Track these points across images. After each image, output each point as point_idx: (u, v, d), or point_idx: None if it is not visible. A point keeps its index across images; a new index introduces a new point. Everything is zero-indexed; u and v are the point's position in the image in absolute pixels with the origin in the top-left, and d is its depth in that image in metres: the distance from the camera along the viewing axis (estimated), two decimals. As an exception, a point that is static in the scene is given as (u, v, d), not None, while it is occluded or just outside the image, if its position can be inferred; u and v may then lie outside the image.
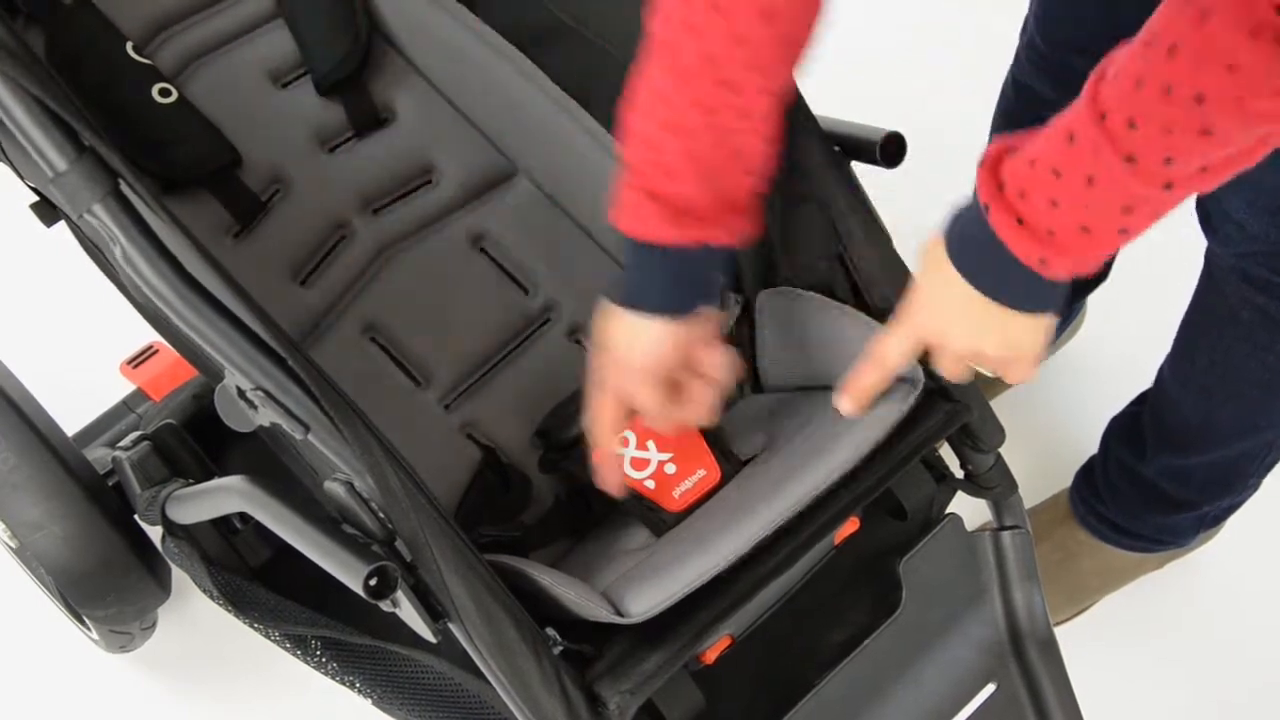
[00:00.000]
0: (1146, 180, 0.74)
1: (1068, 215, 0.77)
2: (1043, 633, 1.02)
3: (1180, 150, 0.72)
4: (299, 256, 1.18)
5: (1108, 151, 0.74)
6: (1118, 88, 0.73)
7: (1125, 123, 0.73)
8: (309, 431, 0.85)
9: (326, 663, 1.09)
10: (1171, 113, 0.71)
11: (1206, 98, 0.69)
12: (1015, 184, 0.79)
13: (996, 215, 0.80)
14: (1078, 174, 0.75)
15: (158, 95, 1.18)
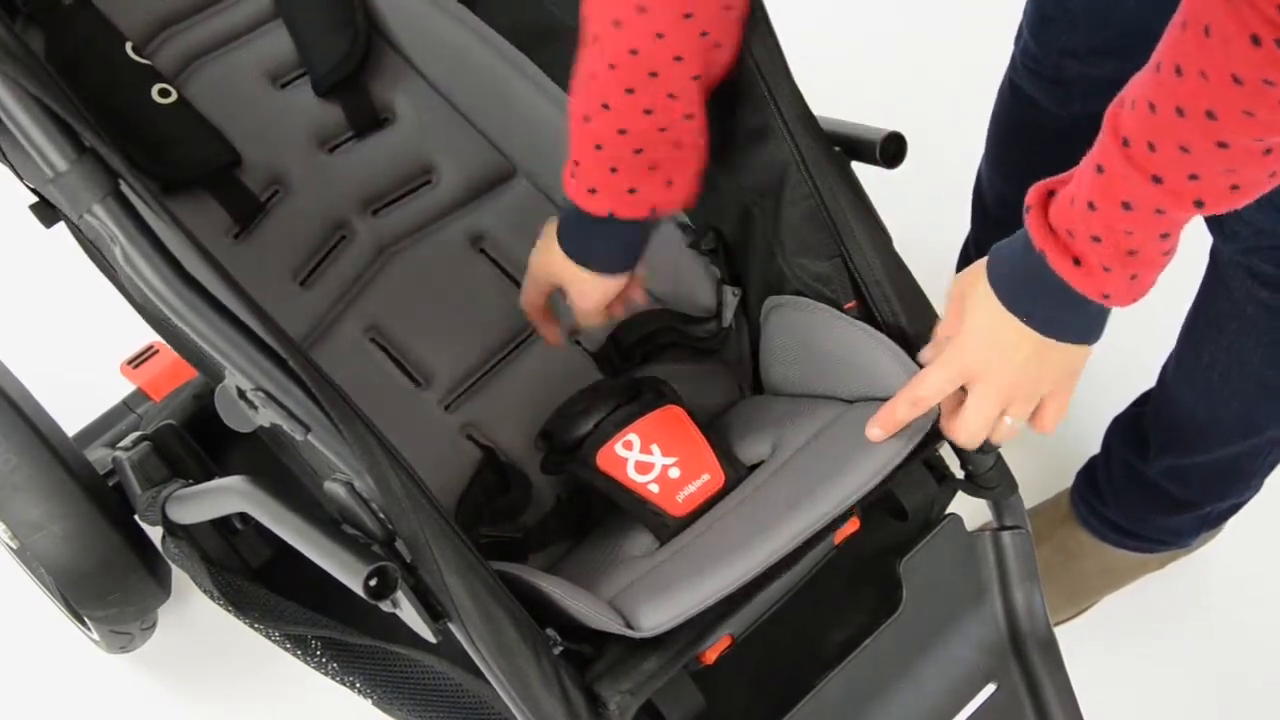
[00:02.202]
0: (1176, 200, 0.76)
1: (1111, 245, 0.80)
2: (1043, 633, 1.02)
3: (1203, 167, 0.74)
4: (299, 257, 1.18)
5: (1135, 176, 0.76)
6: (1135, 114, 0.76)
7: (1146, 146, 0.75)
8: (309, 432, 0.85)
9: (327, 663, 1.09)
10: (1186, 131, 0.73)
11: (1218, 113, 0.71)
12: (1063, 224, 0.82)
13: (1056, 259, 0.83)
14: (1113, 201, 0.78)
15: (157, 96, 1.18)
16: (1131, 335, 1.52)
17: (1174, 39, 0.73)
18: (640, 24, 0.91)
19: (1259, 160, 0.74)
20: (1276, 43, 0.67)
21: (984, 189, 1.48)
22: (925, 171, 1.31)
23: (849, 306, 0.99)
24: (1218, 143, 0.73)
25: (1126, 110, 0.77)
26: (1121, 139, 0.77)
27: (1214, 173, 0.75)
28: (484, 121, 1.26)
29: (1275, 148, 0.74)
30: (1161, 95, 0.74)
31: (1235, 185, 0.76)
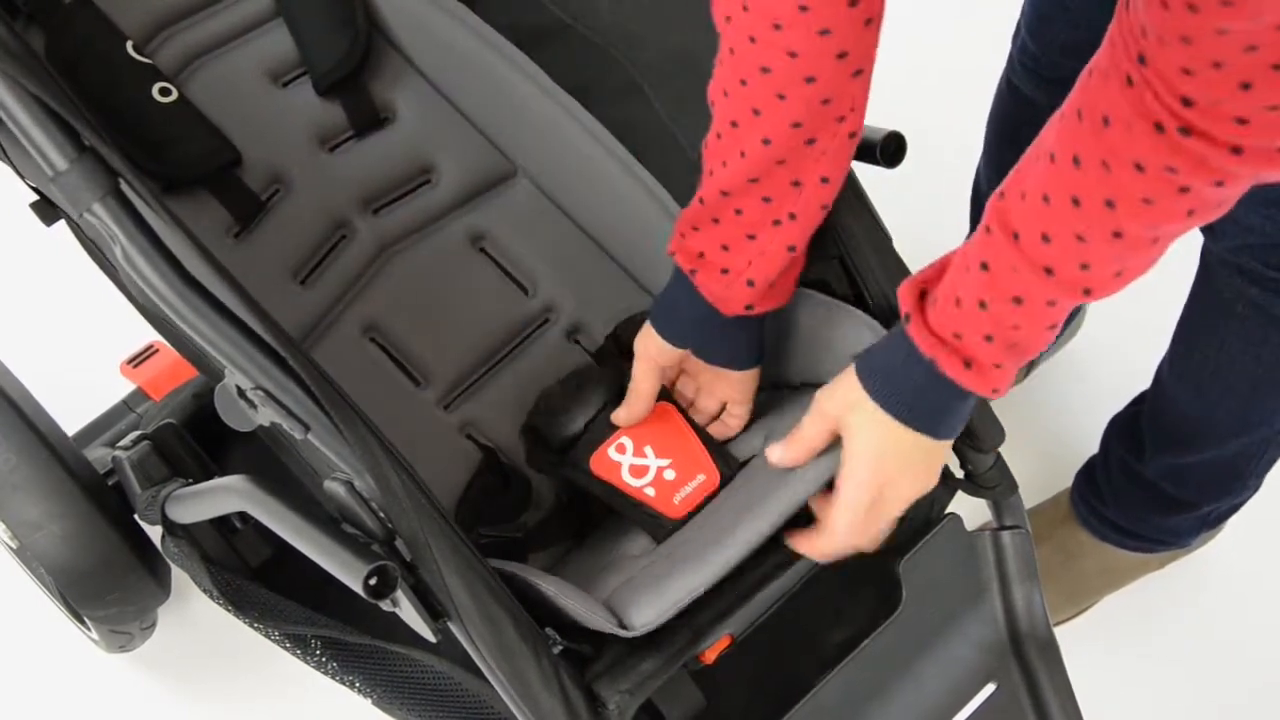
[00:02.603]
0: (1067, 290, 0.78)
1: (1001, 341, 0.82)
2: (1043, 632, 1.02)
3: (1095, 256, 0.76)
4: (299, 256, 1.18)
5: (1026, 268, 0.78)
6: (1027, 206, 0.77)
7: (1039, 238, 0.77)
8: (309, 431, 0.85)
9: (326, 662, 1.09)
10: (1083, 221, 0.74)
11: (1116, 202, 0.73)
12: (949, 328, 0.83)
13: (947, 364, 0.84)
14: (1004, 297, 0.80)
15: (158, 94, 1.18)
16: (1130, 335, 1.53)
17: (1069, 129, 0.74)
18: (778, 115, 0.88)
19: (1147, 248, 0.76)
20: (1179, 130, 0.68)
21: (982, 189, 1.48)
22: (925, 171, 1.31)
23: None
24: (1114, 232, 0.74)
25: (1014, 203, 0.78)
26: (1012, 233, 0.78)
27: (1105, 260, 0.76)
28: (484, 121, 1.26)
29: (1163, 236, 0.76)
30: (1056, 186, 0.75)
31: (1120, 272, 0.78)
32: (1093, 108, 0.72)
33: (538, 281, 1.22)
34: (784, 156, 0.89)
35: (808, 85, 0.84)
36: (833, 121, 0.88)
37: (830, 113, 0.87)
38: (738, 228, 0.94)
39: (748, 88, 0.86)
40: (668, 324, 1.00)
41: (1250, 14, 0.62)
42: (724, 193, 0.92)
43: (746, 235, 0.94)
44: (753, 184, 0.91)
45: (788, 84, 0.84)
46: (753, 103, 0.86)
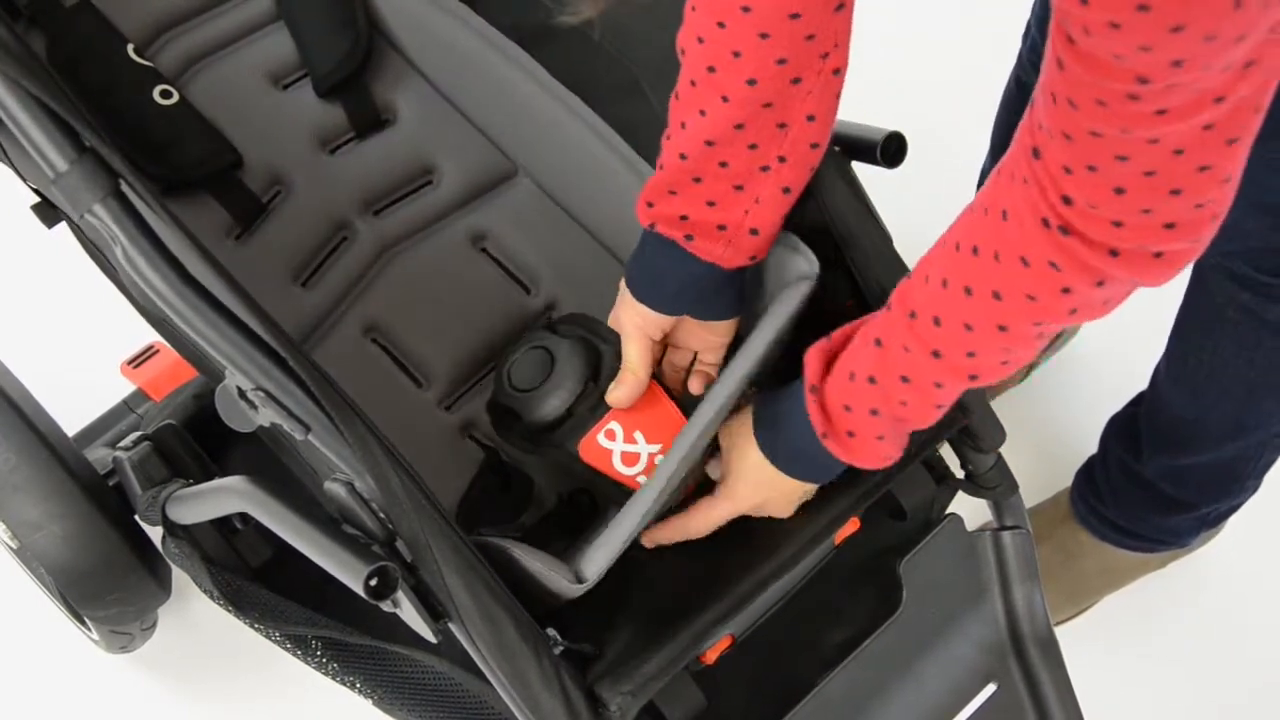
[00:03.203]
0: (953, 374, 0.81)
1: (888, 415, 0.85)
2: (1043, 633, 1.02)
3: (980, 345, 0.78)
4: (300, 257, 1.18)
5: (917, 348, 0.81)
6: (928, 289, 0.80)
7: (931, 320, 0.79)
8: (309, 432, 0.85)
9: (327, 663, 1.09)
10: (973, 310, 0.77)
11: (1003, 295, 0.75)
12: (840, 399, 0.87)
13: (835, 444, 0.89)
14: (894, 375, 0.83)
15: (159, 97, 1.18)
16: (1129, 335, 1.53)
17: (974, 220, 0.77)
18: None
19: (1032, 341, 0.79)
20: (1060, 229, 0.70)
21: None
22: (926, 171, 1.31)
23: (847, 305, 0.99)
24: (999, 325, 0.77)
25: (918, 285, 0.81)
26: (909, 311, 0.81)
27: (991, 350, 0.79)
28: (485, 121, 1.26)
29: (1047, 332, 0.78)
30: (955, 273, 0.77)
31: (1006, 361, 0.80)
32: (996, 202, 0.74)
33: (539, 280, 1.22)
34: (770, 98, 0.87)
35: (791, 21, 0.83)
36: (817, 59, 0.87)
37: (814, 49, 0.85)
38: (723, 181, 0.92)
39: (726, 30, 0.84)
40: (657, 293, 0.98)
41: (1119, 124, 0.64)
42: (708, 142, 0.90)
43: (734, 186, 0.92)
44: (738, 130, 0.89)
45: (770, 22, 0.83)
46: (732, 45, 0.84)
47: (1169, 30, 0.57)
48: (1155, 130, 0.64)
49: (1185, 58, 0.59)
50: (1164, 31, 0.57)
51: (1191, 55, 0.59)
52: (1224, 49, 0.59)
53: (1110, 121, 0.64)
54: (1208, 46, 0.58)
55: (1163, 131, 0.64)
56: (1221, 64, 0.60)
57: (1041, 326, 0.77)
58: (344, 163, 1.24)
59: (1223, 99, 0.62)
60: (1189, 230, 0.69)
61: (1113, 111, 0.63)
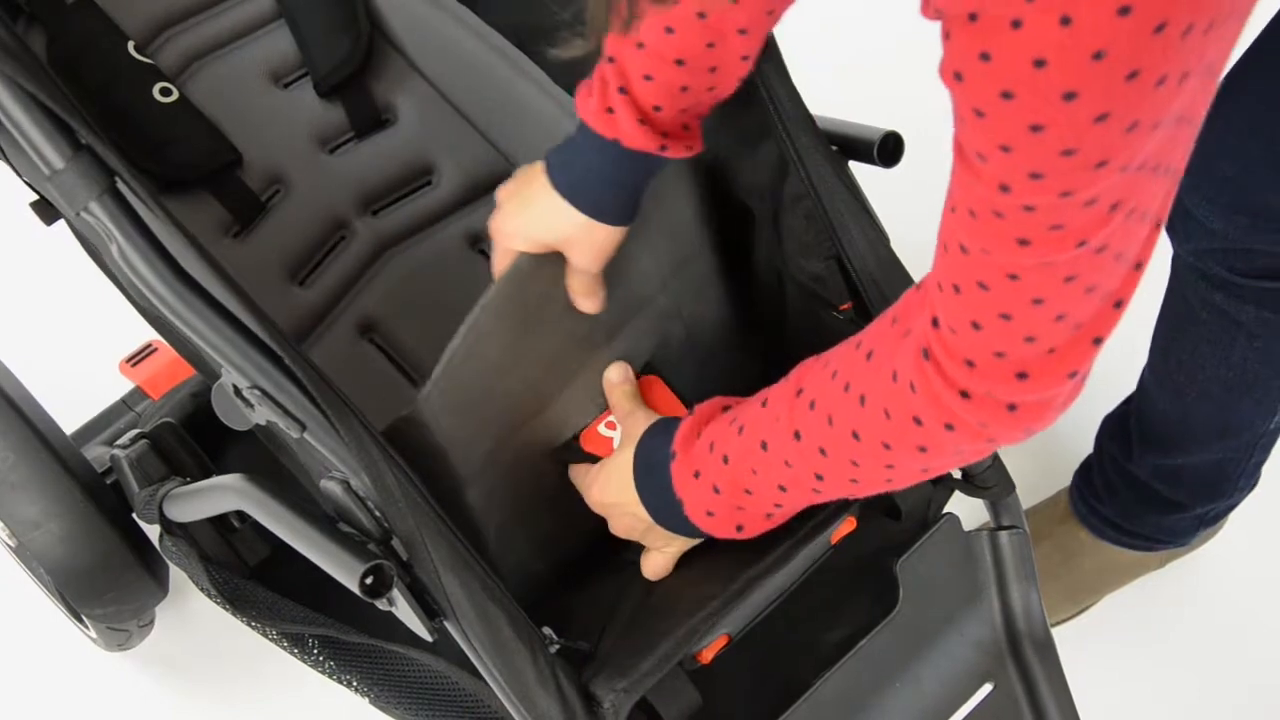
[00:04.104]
0: (802, 461, 0.79)
1: (735, 474, 0.84)
2: (1040, 633, 1.02)
3: (832, 445, 0.77)
4: (298, 256, 1.18)
5: (785, 421, 0.79)
6: (820, 371, 0.79)
7: (808, 402, 0.78)
8: (305, 430, 0.85)
9: (324, 661, 1.09)
10: (841, 404, 0.75)
11: (867, 400, 0.73)
12: (708, 437, 0.86)
13: (676, 467, 0.88)
14: (757, 438, 0.82)
15: (159, 95, 1.19)
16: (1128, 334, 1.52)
17: (879, 330, 0.76)
18: None
19: (880, 471, 0.77)
20: (923, 353, 0.69)
21: None
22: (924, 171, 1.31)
23: (845, 307, 0.99)
24: (854, 432, 0.75)
25: (818, 366, 0.80)
26: (798, 388, 0.80)
27: (840, 459, 0.77)
28: (485, 122, 1.26)
29: (896, 473, 0.77)
30: (846, 368, 0.76)
31: (854, 480, 0.79)
32: (896, 309, 0.74)
33: (537, 281, 1.21)
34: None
35: None
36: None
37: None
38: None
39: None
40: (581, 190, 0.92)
41: (982, 241, 0.62)
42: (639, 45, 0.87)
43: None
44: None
45: None
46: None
47: (1028, 129, 0.54)
48: (1014, 262, 0.61)
49: (1043, 171, 0.56)
50: (1023, 130, 0.54)
51: (1049, 170, 0.55)
52: (1083, 172, 0.55)
53: (977, 236, 0.62)
54: (1066, 162, 0.55)
55: (1021, 266, 0.61)
56: (1085, 195, 0.57)
57: (891, 454, 0.74)
58: (343, 162, 1.24)
59: (1085, 243, 0.59)
60: (1042, 383, 0.66)
61: (981, 226, 0.61)
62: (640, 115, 0.89)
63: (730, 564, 0.92)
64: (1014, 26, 0.52)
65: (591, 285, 0.95)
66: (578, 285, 0.95)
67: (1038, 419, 0.69)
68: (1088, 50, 0.50)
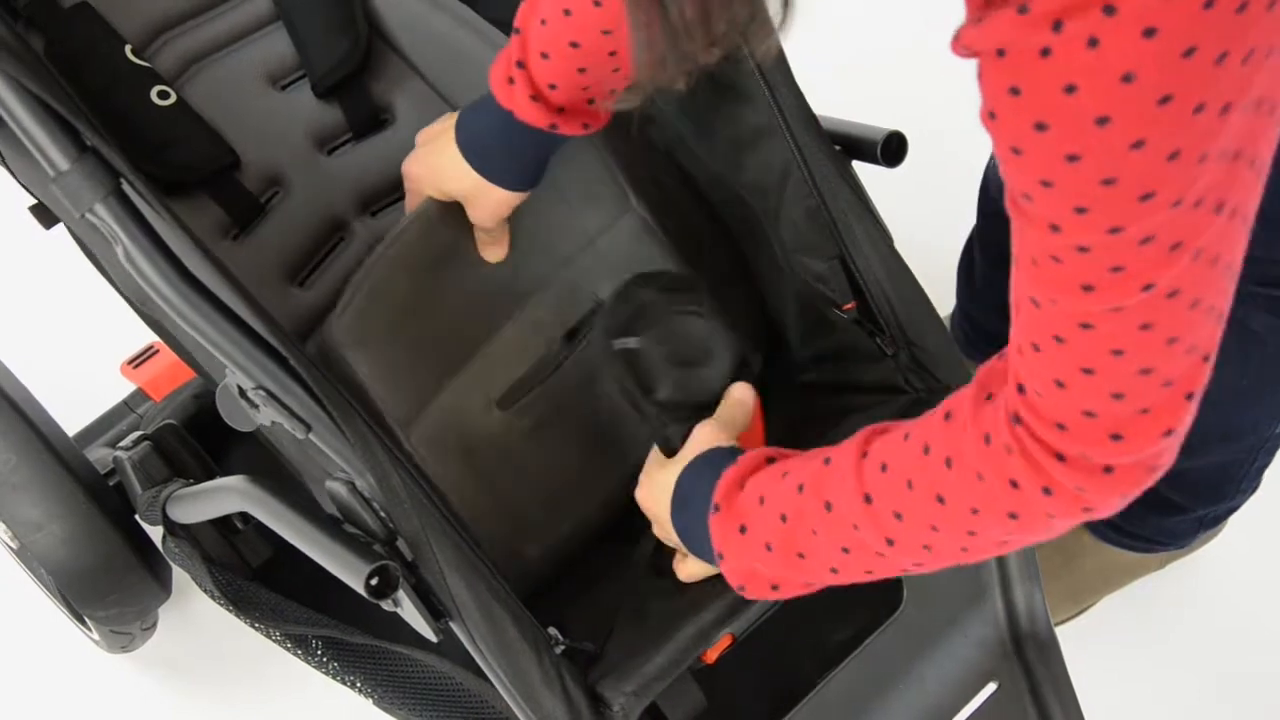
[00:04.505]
0: (873, 525, 0.75)
1: (791, 534, 0.80)
2: (1044, 632, 1.02)
3: (911, 508, 0.73)
4: (297, 258, 1.18)
5: (853, 483, 0.75)
6: (889, 436, 0.76)
7: (879, 464, 0.75)
8: (310, 430, 0.85)
9: (327, 662, 1.09)
10: (921, 467, 0.72)
11: (954, 463, 0.70)
12: (757, 489, 0.82)
13: (718, 520, 0.84)
14: (820, 498, 0.78)
15: (156, 98, 1.18)
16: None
17: (958, 396, 0.73)
18: None
19: (962, 533, 0.74)
20: (1012, 418, 0.67)
21: (992, 193, 1.47)
22: (928, 171, 1.31)
23: (848, 307, 0.99)
24: (938, 495, 0.72)
25: (884, 433, 0.77)
26: (863, 450, 0.76)
27: (918, 524, 0.74)
28: (484, 122, 1.26)
29: (981, 528, 0.72)
30: (923, 432, 0.73)
31: (928, 546, 0.75)
32: (980, 385, 0.71)
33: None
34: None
35: None
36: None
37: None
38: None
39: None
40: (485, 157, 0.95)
41: (1049, 291, 0.60)
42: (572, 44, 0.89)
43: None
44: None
45: None
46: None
47: (1065, 159, 0.53)
48: (1083, 308, 0.59)
49: (1087, 205, 0.54)
50: (1060, 161, 0.53)
51: (1091, 200, 0.54)
52: (1128, 204, 0.53)
53: (1043, 285, 0.60)
54: (1108, 192, 0.53)
55: (1092, 312, 0.59)
56: (1136, 232, 0.55)
57: (977, 519, 0.71)
58: (342, 163, 1.23)
59: (1152, 286, 0.57)
60: (1137, 443, 0.65)
61: (1044, 273, 0.59)
62: (533, 91, 0.91)
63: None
64: (1043, 55, 0.51)
65: (490, 238, 1.00)
66: (479, 236, 1.00)
67: (1135, 483, 0.68)
68: (1116, 73, 0.50)
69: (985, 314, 1.50)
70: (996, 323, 1.53)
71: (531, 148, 0.95)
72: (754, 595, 0.85)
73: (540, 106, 0.91)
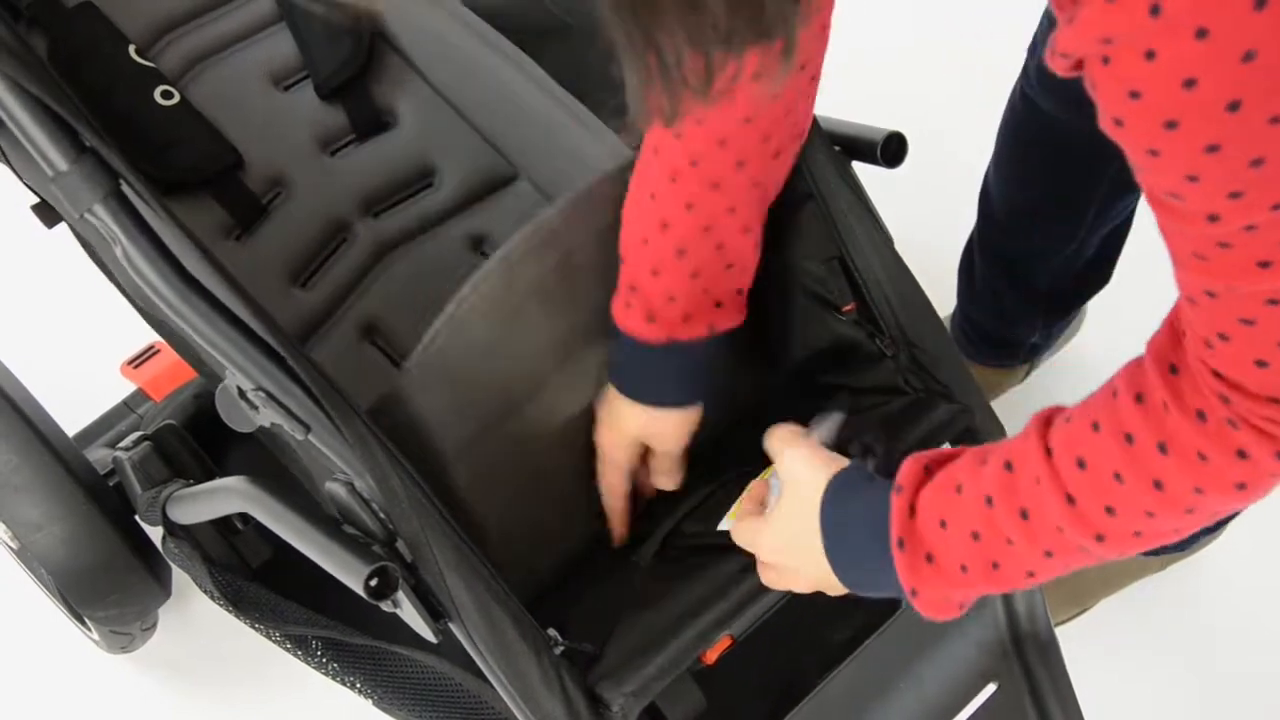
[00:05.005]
0: (1080, 524, 0.72)
1: (985, 550, 0.76)
2: (1043, 633, 1.02)
3: (1123, 500, 0.70)
4: (299, 258, 1.18)
5: (1048, 485, 0.72)
6: (1071, 428, 0.72)
7: (1074, 461, 0.71)
8: (310, 432, 0.85)
9: (327, 663, 1.09)
10: (1127, 458, 0.69)
11: (1169, 448, 0.67)
12: (935, 513, 0.78)
13: (905, 557, 0.78)
14: (1013, 507, 0.74)
15: (159, 98, 1.18)
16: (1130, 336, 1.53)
17: (1135, 376, 0.70)
18: (700, 133, 0.88)
19: (1180, 513, 0.70)
20: (1220, 397, 0.64)
21: (992, 196, 1.47)
22: (928, 172, 1.31)
23: (848, 309, 0.99)
24: (1155, 481, 0.69)
25: (1061, 424, 0.74)
26: (1046, 447, 0.73)
27: (1133, 512, 0.71)
28: (486, 123, 1.26)
29: (1202, 505, 0.70)
30: (1115, 419, 0.70)
31: (1140, 532, 0.72)
32: (1157, 358, 0.68)
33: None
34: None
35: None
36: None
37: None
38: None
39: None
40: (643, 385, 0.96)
41: (1224, 280, 0.59)
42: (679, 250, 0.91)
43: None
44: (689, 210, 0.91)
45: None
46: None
47: (1205, 151, 0.52)
48: (1265, 286, 0.58)
49: (1240, 188, 0.54)
50: (1201, 154, 0.53)
51: (1245, 185, 0.53)
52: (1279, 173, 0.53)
53: (1215, 276, 0.59)
54: (1259, 172, 0.53)
55: (1275, 288, 0.58)
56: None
57: (1201, 497, 0.68)
58: (344, 164, 1.24)
59: None
60: None
61: (1213, 265, 0.58)
62: (649, 314, 0.92)
63: (736, 567, 0.92)
64: (1149, 58, 0.51)
65: (669, 465, 0.99)
66: (656, 464, 0.99)
67: None
68: (1235, 55, 0.49)
69: (985, 315, 1.50)
70: (996, 324, 1.53)
71: (670, 361, 0.95)
72: (942, 617, 0.81)
73: (656, 326, 0.93)
